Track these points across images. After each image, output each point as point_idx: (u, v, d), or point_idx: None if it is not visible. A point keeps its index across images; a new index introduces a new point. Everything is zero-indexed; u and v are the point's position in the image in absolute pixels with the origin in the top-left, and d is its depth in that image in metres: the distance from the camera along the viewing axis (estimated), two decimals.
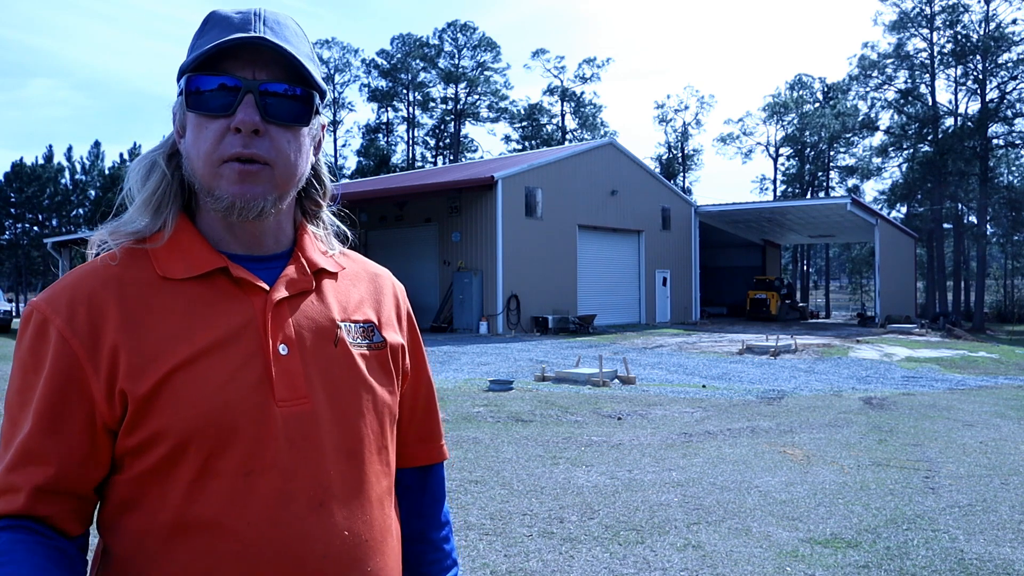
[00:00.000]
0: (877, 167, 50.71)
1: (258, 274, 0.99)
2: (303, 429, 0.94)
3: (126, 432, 0.90)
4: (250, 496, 0.90)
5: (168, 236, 0.97)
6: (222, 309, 0.95)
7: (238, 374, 0.92)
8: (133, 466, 0.91)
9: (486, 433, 7.53)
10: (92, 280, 0.94)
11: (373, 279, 1.14)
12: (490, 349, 17.30)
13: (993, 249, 51.70)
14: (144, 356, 0.90)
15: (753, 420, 8.60)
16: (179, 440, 0.89)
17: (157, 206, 0.98)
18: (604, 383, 11.50)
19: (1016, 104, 39.96)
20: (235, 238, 1.00)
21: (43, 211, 57.56)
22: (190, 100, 0.93)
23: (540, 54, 61.16)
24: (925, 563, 4.07)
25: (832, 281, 67.20)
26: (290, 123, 0.95)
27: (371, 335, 1.05)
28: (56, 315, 0.91)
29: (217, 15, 0.97)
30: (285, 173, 0.96)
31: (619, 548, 4.26)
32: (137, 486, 0.91)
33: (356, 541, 0.96)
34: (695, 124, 61.40)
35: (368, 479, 0.99)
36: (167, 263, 0.96)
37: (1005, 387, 12.53)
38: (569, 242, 25.04)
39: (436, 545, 1.18)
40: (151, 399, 0.89)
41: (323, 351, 0.99)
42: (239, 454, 0.90)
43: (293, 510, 0.91)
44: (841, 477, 5.96)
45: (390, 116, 63.71)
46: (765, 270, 39.88)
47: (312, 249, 1.06)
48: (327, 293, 1.04)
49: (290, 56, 0.93)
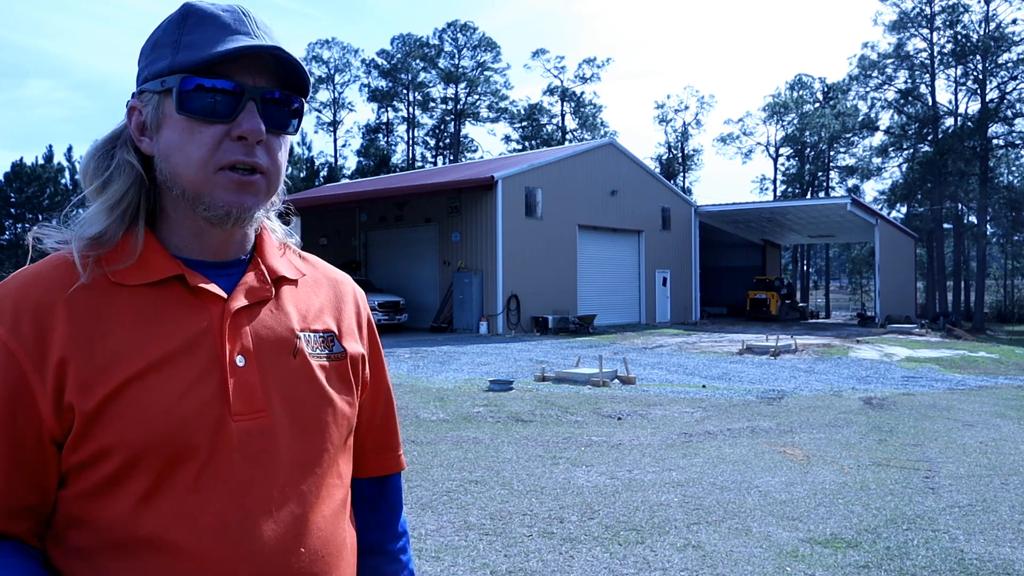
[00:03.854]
0: (877, 167, 50.73)
1: (216, 281, 0.94)
2: (260, 443, 0.90)
3: (71, 448, 0.85)
4: (202, 513, 0.86)
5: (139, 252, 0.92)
6: (177, 318, 0.90)
7: (193, 387, 0.88)
8: (78, 482, 0.86)
9: (486, 433, 7.54)
10: (39, 285, 0.88)
11: (334, 285, 1.10)
12: (490, 349, 17.30)
13: (993, 249, 51.69)
14: (93, 368, 0.85)
15: (753, 420, 8.60)
16: (128, 456, 0.84)
17: (123, 213, 0.92)
18: (604, 383, 11.50)
19: (1016, 104, 39.98)
20: (202, 244, 0.95)
21: (43, 211, 57.58)
22: (183, 101, 0.89)
23: (540, 54, 61.18)
24: (925, 563, 4.07)
25: (832, 281, 67.19)
26: (286, 131, 0.95)
27: (331, 345, 1.02)
28: (0, 324, 0.86)
29: (201, 11, 0.92)
30: (276, 182, 0.95)
31: (619, 548, 4.26)
32: (83, 502, 0.86)
33: (312, 557, 0.93)
34: (695, 124, 61.43)
35: (324, 493, 0.96)
36: (120, 268, 0.91)
37: (1005, 387, 12.53)
38: (569, 242, 25.04)
39: (393, 556, 1.16)
40: (100, 413, 0.84)
41: (281, 363, 0.95)
42: (192, 470, 0.86)
43: (247, 527, 0.87)
44: (841, 477, 5.96)
45: (390, 116, 63.73)
46: (765, 270, 39.88)
47: (272, 254, 1.02)
48: (286, 301, 1.00)
49: (297, 66, 0.92)
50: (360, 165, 60.93)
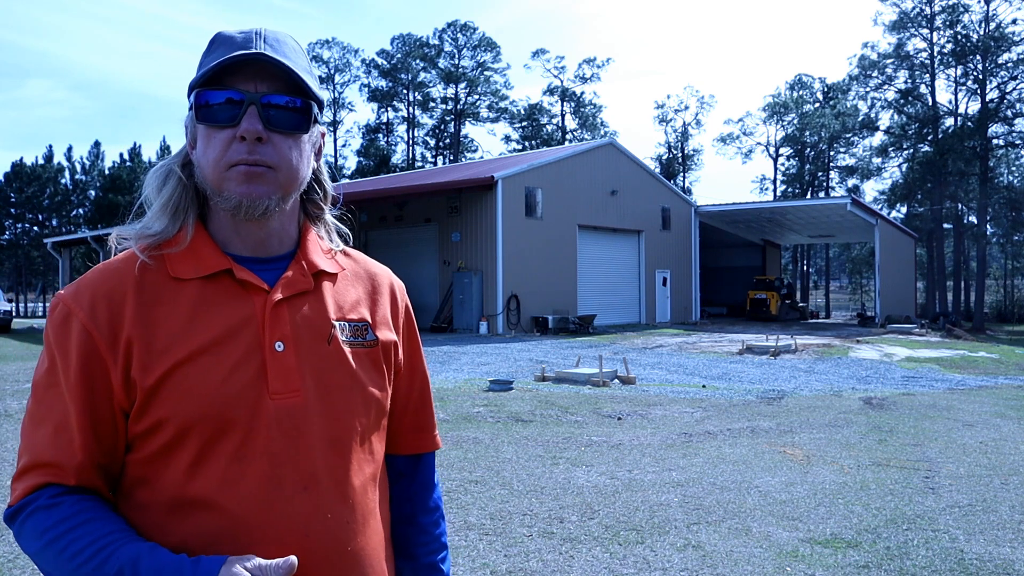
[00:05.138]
0: (877, 167, 50.73)
1: (261, 275, 1.07)
2: (293, 420, 1.02)
3: (135, 418, 1.00)
4: (241, 479, 0.99)
5: (190, 238, 1.06)
6: (225, 308, 1.04)
7: (237, 369, 1.01)
8: (142, 448, 1.01)
9: (486, 433, 7.53)
10: (113, 278, 1.03)
11: (371, 278, 1.21)
12: (490, 349, 17.30)
13: (993, 249, 51.69)
14: (152, 350, 0.99)
15: (753, 420, 8.60)
16: (180, 428, 0.98)
17: (174, 210, 1.07)
18: (604, 383, 11.49)
19: (1016, 104, 39.98)
20: (242, 240, 1.08)
21: (43, 211, 57.55)
22: (199, 113, 1.02)
23: (540, 54, 61.19)
24: (925, 563, 4.07)
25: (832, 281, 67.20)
26: (291, 131, 1.04)
27: (364, 334, 1.13)
28: (80, 309, 1.01)
29: (222, 35, 1.06)
30: (288, 176, 1.04)
31: (619, 548, 4.26)
32: (145, 466, 1.01)
33: (338, 523, 1.04)
34: (695, 124, 61.43)
35: (352, 467, 1.07)
36: (178, 264, 1.05)
37: (1005, 387, 12.53)
38: (569, 242, 25.04)
39: (424, 528, 1.26)
40: (157, 390, 0.98)
41: (317, 348, 1.07)
42: (234, 442, 0.99)
43: (279, 493, 1.00)
44: (841, 477, 5.96)
45: (390, 116, 63.75)
46: (765, 270, 39.88)
47: (314, 251, 1.13)
48: (325, 293, 1.12)
49: (288, 69, 1.02)
50: (360, 165, 60.95)
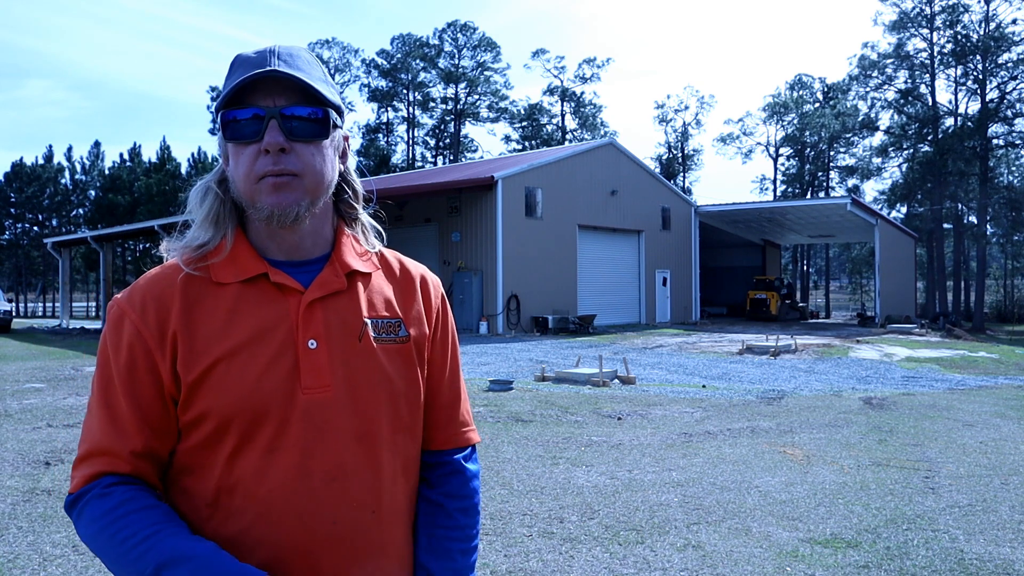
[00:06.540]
0: (877, 167, 50.72)
1: (297, 277, 1.15)
2: (323, 414, 1.10)
3: (182, 409, 1.09)
4: (272, 468, 1.07)
5: (230, 246, 1.14)
6: (261, 309, 1.12)
7: (271, 365, 1.09)
8: (188, 438, 1.10)
9: (486, 433, 7.53)
10: (161, 283, 1.13)
11: (405, 276, 1.27)
12: (490, 349, 17.30)
13: (993, 249, 51.70)
14: (194, 349, 1.08)
15: (753, 420, 8.60)
16: (221, 420, 1.07)
17: (214, 223, 1.15)
18: (604, 383, 11.49)
19: (1016, 104, 39.97)
20: (277, 246, 1.16)
21: (43, 211, 57.53)
22: (226, 132, 1.10)
23: (540, 54, 61.18)
24: (925, 563, 4.07)
25: (832, 281, 67.19)
26: (311, 139, 1.11)
27: (396, 330, 1.19)
28: (132, 310, 1.11)
29: (240, 57, 1.13)
30: (314, 181, 1.11)
31: (619, 548, 4.26)
32: (192, 454, 1.10)
33: (365, 513, 1.12)
34: (695, 124, 61.42)
35: (380, 459, 1.14)
36: (220, 271, 1.14)
37: (1005, 387, 12.53)
38: (569, 242, 25.04)
39: (449, 512, 1.26)
40: (199, 385, 1.07)
41: (348, 345, 1.14)
42: (268, 433, 1.08)
43: (308, 483, 1.08)
44: (841, 477, 5.95)
45: (390, 116, 63.73)
46: (765, 270, 39.88)
47: (348, 252, 1.20)
48: (358, 292, 1.18)
49: (302, 82, 1.08)
50: (360, 165, 60.36)
